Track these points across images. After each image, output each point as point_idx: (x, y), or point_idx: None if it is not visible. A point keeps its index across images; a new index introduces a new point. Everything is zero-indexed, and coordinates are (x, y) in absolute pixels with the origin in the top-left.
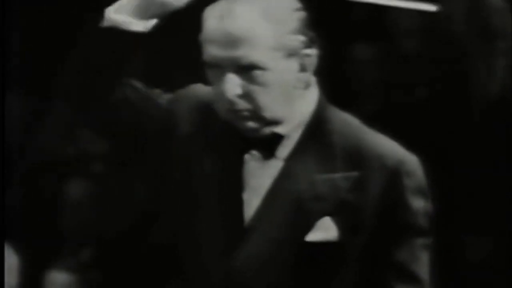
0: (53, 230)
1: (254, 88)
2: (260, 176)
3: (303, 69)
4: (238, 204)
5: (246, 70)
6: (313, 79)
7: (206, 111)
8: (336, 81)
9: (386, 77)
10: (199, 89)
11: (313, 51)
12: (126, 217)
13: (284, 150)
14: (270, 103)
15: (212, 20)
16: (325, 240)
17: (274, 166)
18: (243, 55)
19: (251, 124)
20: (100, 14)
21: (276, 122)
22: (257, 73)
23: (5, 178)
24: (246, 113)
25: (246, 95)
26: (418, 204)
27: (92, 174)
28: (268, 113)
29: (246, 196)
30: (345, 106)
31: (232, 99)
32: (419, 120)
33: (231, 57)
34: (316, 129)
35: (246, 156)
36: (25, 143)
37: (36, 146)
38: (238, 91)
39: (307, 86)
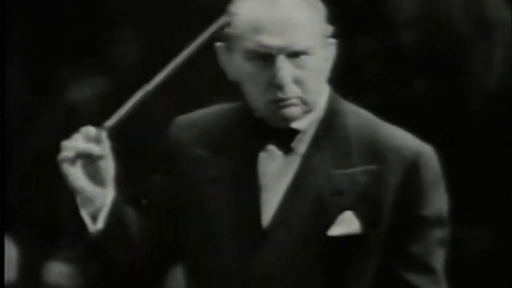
0: (52, 221)
1: (304, 74)
2: (278, 174)
3: (327, 58)
4: (256, 205)
5: (296, 56)
6: None
7: (208, 125)
8: (337, 74)
9: (384, 69)
10: (189, 116)
11: (335, 41)
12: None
13: (301, 145)
14: (315, 89)
15: (256, 10)
16: (348, 233)
17: (292, 163)
18: (297, 40)
19: (294, 111)
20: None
21: (311, 110)
22: (306, 58)
23: (5, 170)
24: (294, 100)
25: (297, 81)
26: (435, 196)
27: None
28: (313, 99)
29: (264, 195)
30: (345, 99)
31: (287, 86)
32: (418, 113)
33: (285, 43)
34: (331, 124)
35: (261, 154)
36: (25, 136)
37: (36, 139)
38: (291, 76)
39: None
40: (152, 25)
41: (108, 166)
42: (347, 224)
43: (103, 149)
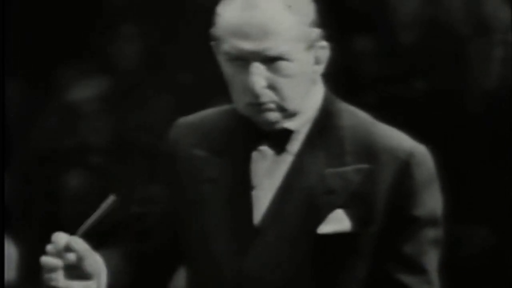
0: (52, 221)
1: (279, 80)
2: (270, 173)
3: (317, 61)
4: (247, 204)
5: (272, 61)
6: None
7: (207, 127)
8: (334, 73)
9: (382, 69)
10: (187, 119)
11: (326, 44)
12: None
13: (294, 145)
14: (293, 95)
15: (234, 13)
16: (338, 231)
17: (284, 162)
18: (271, 46)
19: (272, 116)
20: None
21: (294, 114)
22: (283, 64)
23: (5, 170)
24: (270, 105)
25: (272, 87)
26: (428, 196)
27: (92, 165)
28: (291, 105)
29: (256, 194)
30: (342, 99)
31: (258, 91)
32: (416, 113)
33: (259, 48)
34: (325, 124)
35: (254, 154)
36: (25, 135)
37: (36, 138)
38: (264, 82)
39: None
40: (152, 24)
41: (89, 263)
42: (337, 222)
43: (78, 254)
